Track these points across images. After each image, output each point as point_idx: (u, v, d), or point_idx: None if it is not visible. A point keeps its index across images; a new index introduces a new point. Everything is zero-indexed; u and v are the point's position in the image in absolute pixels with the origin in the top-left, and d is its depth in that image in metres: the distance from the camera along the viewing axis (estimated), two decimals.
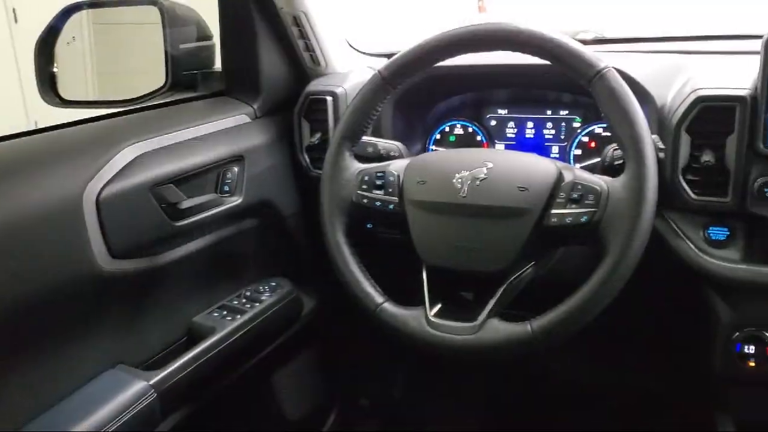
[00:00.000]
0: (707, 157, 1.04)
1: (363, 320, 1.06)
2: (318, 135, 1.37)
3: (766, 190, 1.02)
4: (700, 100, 1.04)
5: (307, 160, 1.40)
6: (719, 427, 1.18)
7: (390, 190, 1.08)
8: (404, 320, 1.01)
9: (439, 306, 1.03)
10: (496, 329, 0.96)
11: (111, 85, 1.90)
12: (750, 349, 1.08)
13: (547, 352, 0.96)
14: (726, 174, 1.05)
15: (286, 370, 1.58)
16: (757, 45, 1.00)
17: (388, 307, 1.03)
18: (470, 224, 1.01)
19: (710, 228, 1.10)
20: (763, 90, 1.00)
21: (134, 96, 1.31)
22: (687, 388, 1.44)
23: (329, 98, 1.36)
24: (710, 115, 1.04)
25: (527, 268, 1.01)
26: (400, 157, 1.19)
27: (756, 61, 1.01)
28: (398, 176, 1.08)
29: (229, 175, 1.28)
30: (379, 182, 1.09)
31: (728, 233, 1.09)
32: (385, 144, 1.21)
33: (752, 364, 1.08)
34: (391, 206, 1.07)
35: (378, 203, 1.08)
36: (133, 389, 1.06)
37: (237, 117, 1.35)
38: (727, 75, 1.10)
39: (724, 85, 1.06)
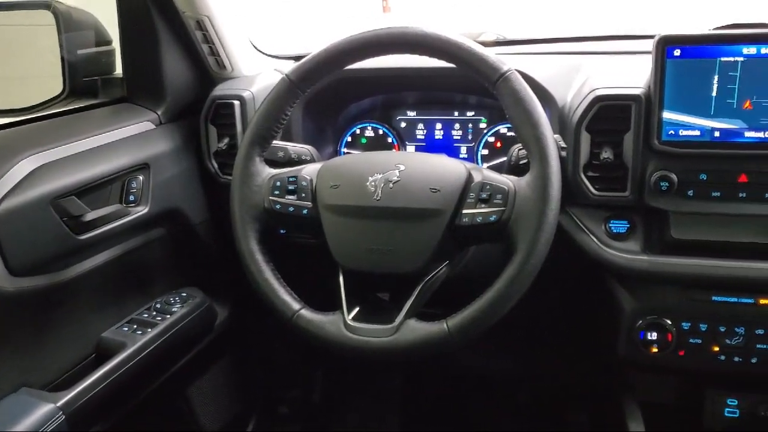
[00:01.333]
0: (606, 154, 1.09)
1: (279, 327, 1.05)
2: (226, 140, 1.35)
3: (661, 183, 1.07)
4: (598, 99, 1.09)
5: (216, 166, 1.37)
6: (625, 410, 1.23)
7: (303, 194, 1.07)
8: (322, 326, 1.01)
9: (357, 309, 1.03)
10: (414, 329, 0.97)
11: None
12: (652, 335, 1.13)
13: (463, 347, 0.98)
14: (624, 170, 1.10)
15: (201, 382, 1.54)
16: (649, 45, 1.06)
17: (305, 313, 1.02)
18: (385, 227, 1.01)
19: (611, 221, 1.15)
20: (656, 88, 1.05)
21: (29, 105, 1.25)
22: (596, 376, 1.50)
23: (236, 102, 1.34)
24: (608, 114, 1.09)
25: (441, 268, 1.03)
26: (312, 161, 1.19)
27: (649, 61, 1.06)
28: (311, 180, 1.08)
29: (134, 185, 1.23)
30: (291, 187, 1.08)
31: (628, 226, 1.14)
32: (296, 148, 1.20)
33: (655, 349, 1.13)
34: (305, 211, 1.07)
35: (291, 208, 1.07)
36: (39, 413, 1.01)
37: (140, 124, 1.31)
38: (623, 74, 1.15)
39: (620, 84, 1.11)
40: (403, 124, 1.45)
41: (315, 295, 1.10)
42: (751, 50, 1.01)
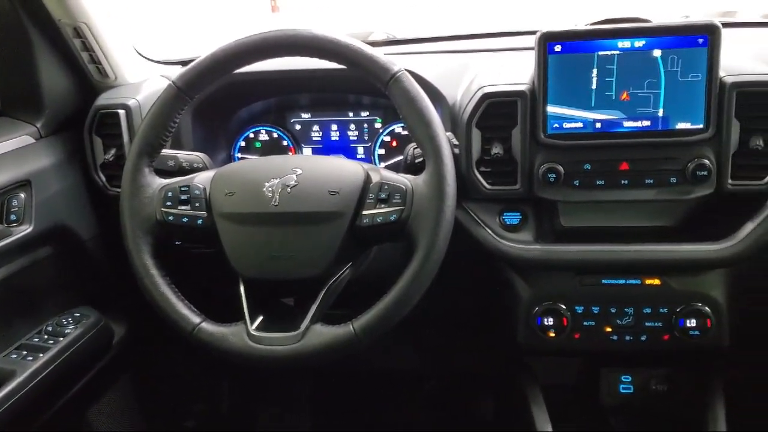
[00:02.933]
0: (496, 150, 1.12)
1: (180, 342, 1.02)
2: (112, 151, 1.29)
3: (549, 175, 1.12)
4: (486, 97, 1.12)
5: (103, 179, 1.31)
6: (528, 394, 1.28)
7: (197, 204, 1.04)
8: (225, 338, 0.98)
9: (260, 318, 1.01)
10: (320, 334, 0.97)
11: None
12: (549, 321, 1.18)
13: (371, 347, 0.98)
14: (514, 163, 1.13)
15: (101, 404, 1.48)
16: (533, 41, 1.09)
17: (206, 326, 1.00)
18: (284, 233, 1.00)
19: (504, 214, 1.19)
20: (540, 84, 1.09)
21: None
22: (499, 364, 1.54)
23: (122, 112, 1.28)
24: (496, 111, 1.12)
25: (345, 270, 1.03)
26: (205, 168, 1.16)
27: (533, 57, 1.10)
28: (204, 189, 1.05)
29: (15, 203, 1.16)
30: (184, 197, 1.05)
31: (521, 217, 1.19)
32: (187, 156, 1.17)
33: (552, 334, 1.18)
34: (200, 221, 1.04)
35: (185, 219, 1.04)
36: None
37: (18, 138, 1.23)
38: (509, 71, 1.19)
39: (506, 81, 1.14)
40: (297, 127, 1.43)
41: (216, 306, 1.07)
42: (625, 44, 1.06)
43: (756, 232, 1.07)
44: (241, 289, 1.02)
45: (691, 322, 1.13)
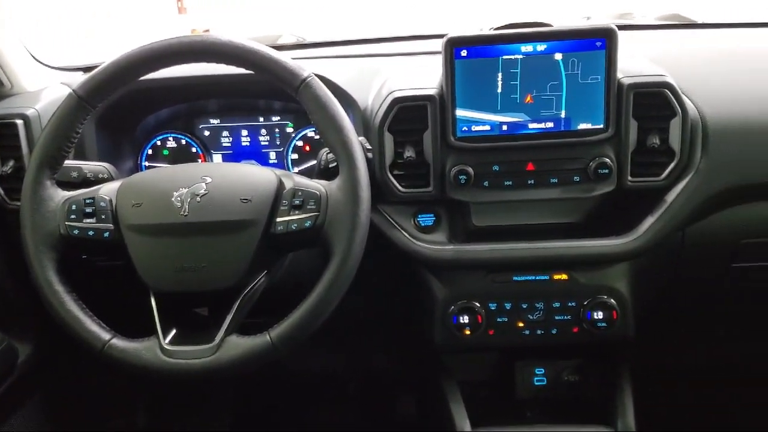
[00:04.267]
0: (409, 153, 1.13)
1: (91, 360, 0.98)
2: (11, 163, 1.23)
3: (460, 177, 1.14)
4: (397, 101, 1.13)
5: (1, 192, 1.25)
6: (446, 391, 1.30)
7: (103, 216, 1.01)
8: (137, 354, 0.96)
9: (173, 332, 0.99)
10: (236, 345, 0.96)
11: None
12: (464, 319, 1.20)
13: (290, 355, 0.98)
14: (426, 166, 1.15)
15: (7, 428, 1.40)
16: (440, 45, 1.11)
17: (117, 342, 0.97)
18: (195, 243, 0.98)
19: (419, 216, 1.20)
20: (448, 88, 1.11)
21: None
22: (419, 363, 1.56)
23: (20, 122, 1.23)
24: (407, 115, 1.13)
25: (260, 279, 1.02)
26: (111, 179, 1.12)
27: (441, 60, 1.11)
28: (110, 201, 1.02)
29: None
30: (89, 210, 1.01)
31: (434, 218, 1.21)
32: (91, 166, 1.13)
33: (467, 332, 1.20)
34: (107, 234, 1.00)
35: (91, 233, 1.00)
36: None
37: None
38: (419, 75, 1.20)
39: (416, 85, 1.16)
40: (207, 133, 1.41)
41: (127, 321, 1.04)
42: (528, 48, 1.09)
43: (655, 226, 1.12)
44: (152, 302, 0.99)
45: (598, 315, 1.18)
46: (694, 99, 1.16)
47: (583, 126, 1.12)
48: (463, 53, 1.10)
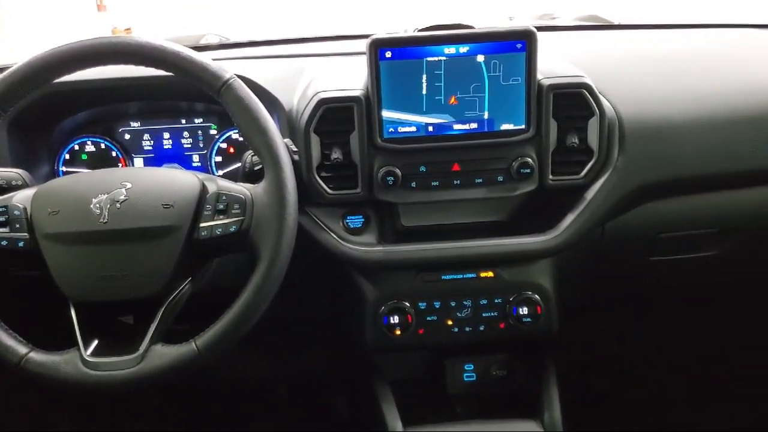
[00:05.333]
0: (336, 155, 1.13)
1: (7, 375, 0.94)
2: None
3: (388, 178, 1.14)
4: (322, 102, 1.12)
5: None
6: (377, 392, 1.30)
7: (17, 225, 0.97)
8: (56, 367, 0.92)
9: (95, 343, 0.96)
10: (161, 355, 0.93)
11: None
12: (395, 319, 1.20)
13: (217, 362, 0.96)
14: (354, 168, 1.15)
15: None
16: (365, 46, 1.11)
17: (35, 356, 0.93)
18: (116, 251, 0.95)
19: (348, 217, 1.20)
20: (373, 89, 1.11)
21: None
22: (351, 364, 1.56)
23: None
24: (333, 116, 1.13)
25: (185, 285, 1.00)
26: (25, 186, 1.07)
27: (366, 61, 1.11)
28: (25, 209, 0.98)
29: None
30: (1, 219, 0.97)
31: (363, 220, 1.21)
32: (3, 173, 1.08)
33: (398, 332, 1.21)
34: (21, 243, 0.96)
35: (4, 243, 0.96)
36: None
37: None
38: (345, 76, 1.20)
39: (342, 86, 1.15)
40: (127, 136, 1.36)
41: (46, 333, 1.00)
42: (451, 50, 1.11)
43: (576, 222, 1.16)
44: (72, 312, 0.96)
45: (524, 310, 1.21)
46: (611, 99, 1.20)
47: (505, 126, 1.14)
48: (388, 54, 1.10)
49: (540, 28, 1.12)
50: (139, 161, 1.37)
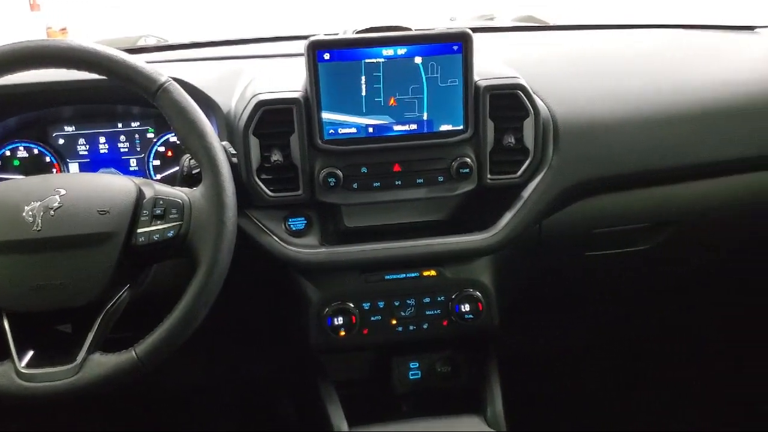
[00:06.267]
0: (276, 157, 1.13)
1: None
2: None
3: (329, 180, 1.14)
4: (261, 104, 1.12)
5: None
6: (322, 393, 1.31)
7: None
8: None
9: (30, 354, 0.94)
10: (100, 364, 0.92)
11: None
12: (339, 320, 1.21)
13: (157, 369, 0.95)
14: (295, 170, 1.15)
15: None
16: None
17: None
18: (51, 259, 0.93)
19: (290, 219, 1.20)
20: (313, 91, 1.11)
21: None
22: (296, 366, 1.56)
23: None
24: (272, 118, 1.12)
25: (123, 292, 0.99)
26: None
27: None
28: None
29: None
30: None
31: (306, 222, 1.21)
32: None
33: (342, 333, 1.21)
34: None
35: None
36: None
37: None
38: (284, 78, 1.20)
39: (281, 88, 1.15)
40: (61, 141, 1.33)
41: None
42: (389, 52, 1.12)
43: (513, 220, 1.18)
44: (5, 323, 0.93)
45: (465, 307, 1.23)
46: (545, 99, 1.23)
47: (444, 127, 1.16)
48: (326, 56, 1.10)
49: (478, 29, 1.14)
50: (74, 166, 1.34)
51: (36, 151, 1.32)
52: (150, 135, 1.34)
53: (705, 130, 1.31)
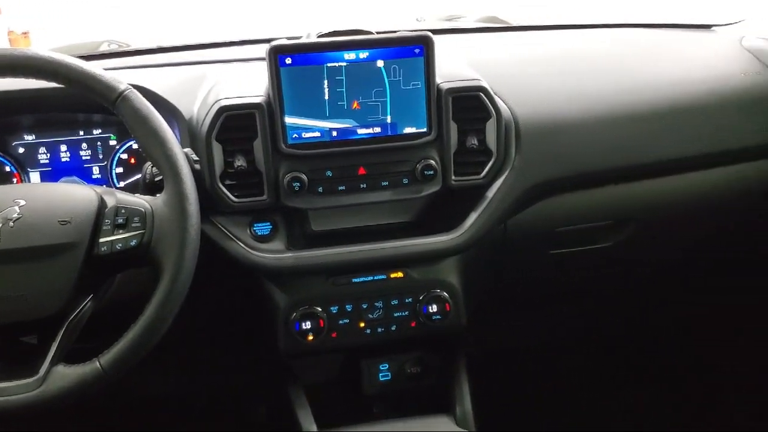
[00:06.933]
0: (240, 162, 1.12)
1: None
2: None
3: (294, 184, 1.14)
4: (223, 110, 1.11)
5: None
6: (292, 396, 1.30)
7: None
8: None
9: None
10: (63, 376, 0.91)
11: None
12: (307, 325, 1.20)
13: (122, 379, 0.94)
14: (259, 175, 1.14)
15: None
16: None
17: None
18: (11, 271, 0.92)
19: (255, 225, 1.20)
20: (275, 95, 1.11)
21: None
22: (265, 371, 1.56)
23: None
24: (234, 123, 1.12)
25: (86, 303, 0.98)
26: None
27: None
28: None
29: None
30: None
31: (271, 227, 1.20)
32: None
33: (311, 337, 1.21)
34: None
35: None
36: None
37: None
38: (246, 82, 1.19)
39: (243, 93, 1.14)
40: (21, 150, 1.31)
41: None
42: (351, 56, 1.12)
43: (478, 221, 1.19)
44: None
45: (433, 308, 1.23)
46: (507, 100, 1.24)
47: (408, 130, 1.16)
48: (288, 61, 1.10)
49: (440, 31, 1.15)
50: (35, 175, 1.32)
51: None
52: (112, 142, 1.33)
53: (666, 128, 1.33)
